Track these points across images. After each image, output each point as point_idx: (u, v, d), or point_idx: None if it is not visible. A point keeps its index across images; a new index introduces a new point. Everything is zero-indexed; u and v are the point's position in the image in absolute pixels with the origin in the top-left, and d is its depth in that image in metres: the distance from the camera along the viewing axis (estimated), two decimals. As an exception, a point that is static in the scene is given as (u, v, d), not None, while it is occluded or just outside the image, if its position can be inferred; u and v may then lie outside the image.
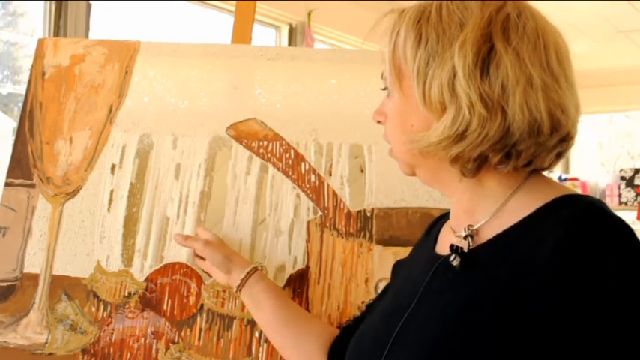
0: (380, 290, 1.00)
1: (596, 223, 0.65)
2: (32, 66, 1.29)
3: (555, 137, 0.71)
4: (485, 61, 0.69)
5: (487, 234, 0.73)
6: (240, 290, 1.05)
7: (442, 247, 0.81)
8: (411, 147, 0.75)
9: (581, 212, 0.66)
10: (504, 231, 0.71)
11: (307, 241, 1.16)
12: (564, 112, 0.70)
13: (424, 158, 0.76)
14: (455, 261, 0.72)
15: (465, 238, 0.74)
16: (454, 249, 0.73)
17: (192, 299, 1.14)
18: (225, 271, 1.07)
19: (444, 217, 0.89)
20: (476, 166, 0.72)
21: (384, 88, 0.81)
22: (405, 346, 0.73)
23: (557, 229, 0.65)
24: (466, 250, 0.73)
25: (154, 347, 1.12)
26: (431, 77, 0.71)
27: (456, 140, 0.70)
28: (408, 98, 0.75)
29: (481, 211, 0.75)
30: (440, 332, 0.69)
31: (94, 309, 1.15)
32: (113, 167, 1.22)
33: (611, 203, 4.95)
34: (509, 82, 0.68)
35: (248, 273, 1.05)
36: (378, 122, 0.83)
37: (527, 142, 0.69)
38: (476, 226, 0.75)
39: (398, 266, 0.96)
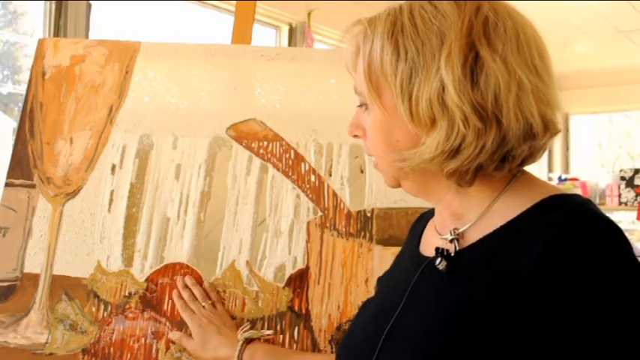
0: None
1: (584, 226, 0.64)
2: (32, 66, 1.29)
3: (547, 136, 0.70)
4: (473, 71, 0.67)
5: (473, 237, 0.72)
6: None
7: (426, 248, 0.80)
8: (401, 165, 0.73)
9: (570, 215, 0.65)
10: (491, 233, 0.70)
11: (307, 242, 1.16)
12: (552, 109, 0.70)
13: (413, 172, 0.74)
14: (441, 265, 0.71)
15: (451, 241, 0.73)
16: (440, 252, 0.72)
17: (192, 299, 1.14)
18: (213, 350, 1.04)
19: (427, 215, 0.88)
20: (473, 176, 0.70)
21: (361, 105, 0.78)
22: (394, 351, 0.72)
23: (545, 232, 0.64)
24: (452, 254, 0.72)
25: (154, 347, 1.12)
26: (417, 93, 0.68)
27: (451, 155, 0.68)
28: (390, 113, 0.72)
29: (468, 215, 0.74)
30: (429, 338, 0.68)
31: (94, 309, 1.15)
32: (113, 167, 1.22)
33: (611, 203, 4.94)
34: (501, 90, 0.66)
35: (240, 351, 1.01)
36: (355, 136, 0.80)
37: (522, 146, 0.69)
38: (461, 229, 0.74)
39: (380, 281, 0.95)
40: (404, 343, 0.71)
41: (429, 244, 0.79)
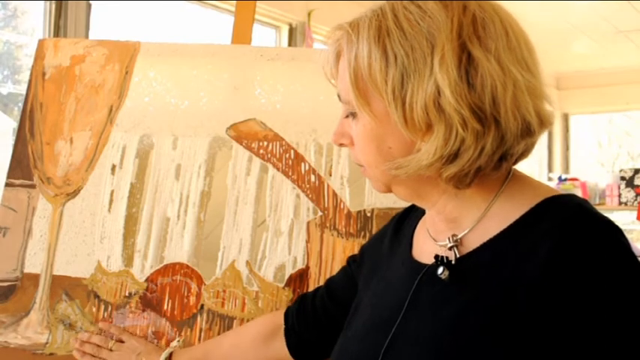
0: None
1: (585, 228, 0.64)
2: (32, 66, 1.29)
3: (543, 130, 0.69)
4: (468, 72, 0.65)
5: (472, 243, 0.71)
6: None
7: (421, 254, 0.78)
8: (396, 172, 0.70)
9: (570, 217, 0.65)
10: (491, 239, 0.69)
11: (307, 242, 1.16)
12: (545, 103, 0.69)
13: (408, 178, 0.71)
14: (443, 274, 0.70)
15: (450, 248, 0.72)
16: (440, 260, 0.71)
17: (192, 299, 1.14)
18: None
19: (410, 212, 0.87)
20: (472, 178, 0.69)
21: (348, 116, 0.75)
22: None
23: (547, 236, 0.64)
24: (453, 262, 0.71)
25: (155, 347, 1.12)
26: (410, 98, 0.66)
27: (450, 160, 0.67)
28: (381, 120, 0.70)
29: (464, 220, 0.73)
30: (434, 347, 0.67)
31: (94, 309, 1.15)
32: (113, 167, 1.22)
33: (611, 203, 4.95)
34: (498, 90, 0.65)
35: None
36: (341, 145, 0.78)
37: (520, 144, 0.68)
38: (460, 235, 0.72)
39: (365, 254, 0.93)
40: (407, 354, 0.70)
41: (423, 251, 0.78)
